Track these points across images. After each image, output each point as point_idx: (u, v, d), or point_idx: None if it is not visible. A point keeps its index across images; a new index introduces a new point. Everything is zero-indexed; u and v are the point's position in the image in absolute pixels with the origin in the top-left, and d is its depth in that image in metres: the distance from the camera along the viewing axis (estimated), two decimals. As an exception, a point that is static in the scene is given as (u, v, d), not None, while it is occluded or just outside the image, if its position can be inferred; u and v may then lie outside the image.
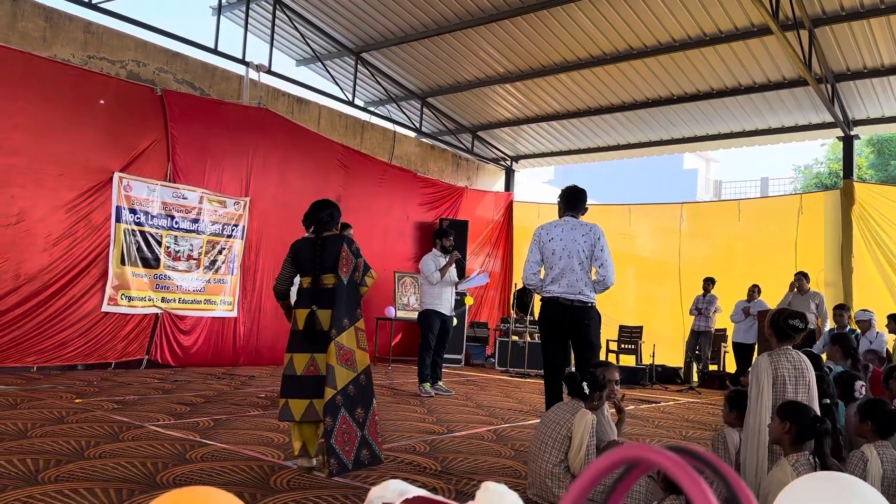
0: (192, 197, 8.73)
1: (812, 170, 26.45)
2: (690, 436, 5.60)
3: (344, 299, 3.73)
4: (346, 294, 3.74)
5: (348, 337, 3.67)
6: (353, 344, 3.69)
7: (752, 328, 9.57)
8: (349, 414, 3.56)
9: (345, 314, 3.70)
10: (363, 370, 3.69)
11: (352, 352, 3.68)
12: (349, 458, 3.51)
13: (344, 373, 3.60)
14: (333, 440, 3.47)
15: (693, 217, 12.54)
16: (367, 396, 3.70)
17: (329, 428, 3.48)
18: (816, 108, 10.64)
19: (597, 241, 4.57)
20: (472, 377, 9.68)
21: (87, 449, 3.76)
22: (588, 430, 3.31)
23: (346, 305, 3.72)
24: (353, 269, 3.82)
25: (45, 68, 7.40)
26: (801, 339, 3.59)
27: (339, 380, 3.57)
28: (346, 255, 3.81)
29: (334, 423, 3.49)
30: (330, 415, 3.50)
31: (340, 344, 3.63)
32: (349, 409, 3.57)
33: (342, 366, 3.61)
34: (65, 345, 7.37)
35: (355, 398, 3.62)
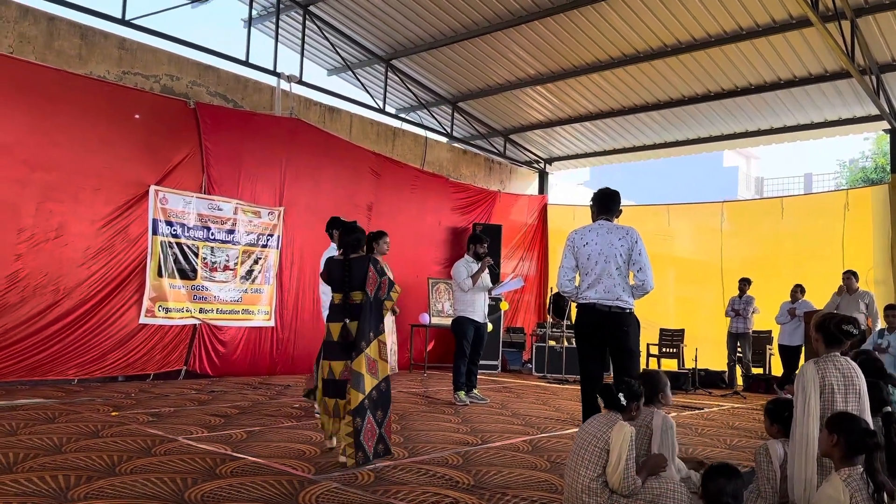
0: (227, 208, 8.80)
1: (857, 164, 25.66)
2: (735, 444, 5.40)
3: (369, 314, 4.25)
4: (371, 309, 4.26)
5: (373, 349, 4.20)
6: (376, 355, 4.22)
7: (797, 330, 9.26)
8: (372, 415, 4.14)
9: (370, 328, 4.22)
10: (384, 378, 4.24)
11: (375, 362, 4.21)
12: (370, 451, 4.10)
13: (370, 380, 4.15)
14: (362, 438, 4.05)
15: (734, 216, 12.23)
16: (386, 401, 4.25)
17: (358, 427, 4.05)
18: (861, 101, 10.27)
19: (634, 244, 4.43)
20: (508, 384, 9.56)
21: (118, 464, 3.76)
22: (626, 443, 3.18)
23: (372, 320, 4.25)
24: (377, 286, 4.31)
25: (82, 85, 7.55)
26: (850, 344, 3.41)
27: (366, 386, 4.12)
28: (372, 275, 4.31)
29: (363, 423, 4.07)
30: (359, 416, 4.07)
31: (368, 355, 4.16)
32: (372, 411, 4.14)
33: (369, 374, 4.15)
34: (104, 357, 7.48)
35: (377, 402, 4.19)
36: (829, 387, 3.16)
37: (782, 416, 3.39)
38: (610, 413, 3.33)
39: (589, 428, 3.31)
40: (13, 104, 6.98)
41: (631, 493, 3.12)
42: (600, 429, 3.26)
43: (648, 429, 3.52)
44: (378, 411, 4.17)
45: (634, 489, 3.12)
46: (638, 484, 3.15)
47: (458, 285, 7.22)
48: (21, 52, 7.36)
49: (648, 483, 3.16)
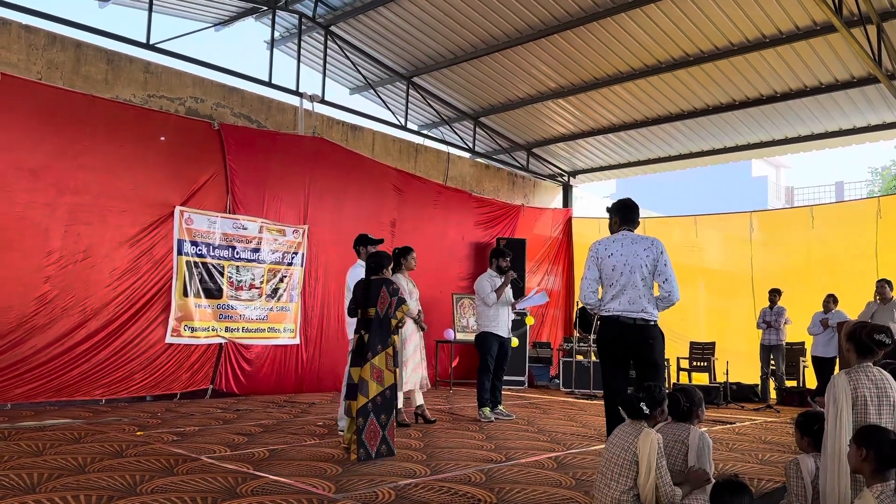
0: (252, 227, 8.88)
1: (890, 171, 25.13)
2: (768, 459, 5.25)
3: (378, 329, 4.85)
4: (380, 325, 4.86)
5: (380, 359, 4.80)
6: (382, 365, 4.81)
7: (831, 341, 9.02)
8: (375, 418, 4.72)
9: (378, 341, 4.83)
10: (388, 386, 4.81)
11: (381, 371, 4.80)
12: (373, 450, 4.67)
13: (374, 386, 4.75)
14: (364, 436, 4.66)
15: (764, 226, 12.02)
16: (389, 406, 4.80)
17: (360, 426, 4.67)
18: (890, 106, 10.05)
19: (660, 255, 4.36)
20: (535, 399, 9.45)
21: (140, 484, 3.77)
22: (654, 450, 3.10)
23: (380, 334, 4.84)
24: (388, 305, 4.90)
25: (108, 109, 7.70)
26: (882, 354, 3.29)
27: (370, 391, 4.73)
28: (384, 295, 4.92)
29: (365, 423, 4.68)
30: (362, 417, 4.68)
31: (374, 364, 4.78)
32: (376, 414, 4.72)
33: (374, 381, 4.76)
34: (131, 377, 7.54)
35: (381, 406, 4.76)
36: (862, 398, 3.06)
37: (812, 429, 3.29)
38: (634, 423, 3.26)
39: (615, 440, 3.24)
40: (42, 129, 7.13)
41: (671, 501, 3.04)
42: (626, 440, 3.19)
43: (684, 445, 3.43)
44: (381, 415, 4.74)
45: (674, 498, 3.04)
46: (678, 493, 3.07)
47: (481, 300, 7.18)
48: (49, 78, 7.53)
49: (686, 499, 3.08)
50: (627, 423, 3.29)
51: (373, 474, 4.25)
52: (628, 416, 3.42)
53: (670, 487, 3.10)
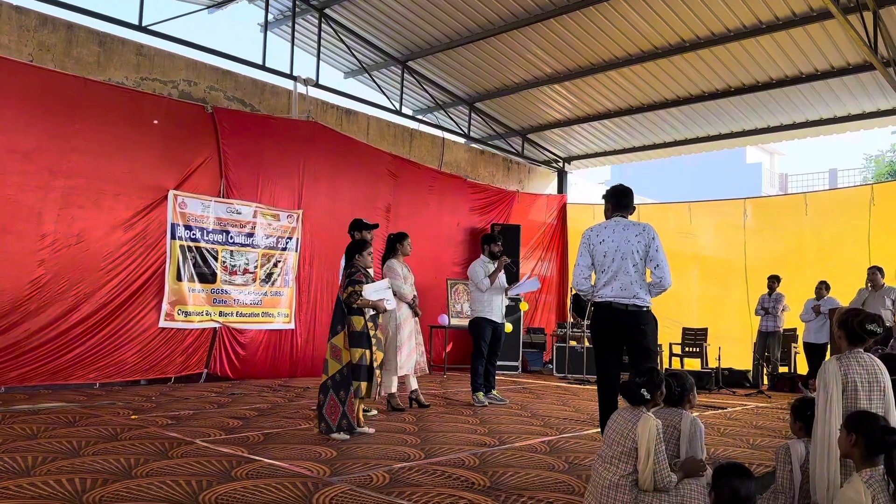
0: (246, 211, 8.85)
1: (884, 158, 25.18)
2: (759, 444, 5.30)
3: (339, 311, 5.13)
4: (339, 307, 5.14)
5: (338, 339, 5.05)
6: (340, 344, 5.04)
7: (823, 327, 9.08)
8: (335, 393, 4.95)
9: (337, 321, 5.10)
10: (346, 364, 5.01)
11: (339, 350, 5.03)
12: (334, 423, 4.91)
13: (334, 364, 5.01)
14: (324, 410, 4.94)
15: (758, 212, 12.05)
16: (347, 384, 4.98)
17: (321, 402, 4.96)
18: (885, 94, 10.05)
19: (651, 241, 4.37)
20: (528, 385, 9.50)
21: (135, 467, 3.78)
22: (654, 436, 3.12)
23: (338, 315, 5.11)
24: (342, 288, 5.15)
25: (100, 92, 7.63)
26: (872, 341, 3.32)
27: (330, 369, 5.00)
28: (343, 279, 5.22)
29: (325, 399, 4.95)
30: (322, 393, 4.99)
31: (333, 344, 5.05)
32: (335, 390, 4.96)
33: (333, 359, 5.02)
34: (125, 361, 7.54)
35: (339, 383, 4.98)
36: (853, 384, 3.08)
37: (805, 414, 3.31)
38: (632, 408, 3.27)
39: (615, 426, 3.25)
40: (34, 111, 7.07)
41: (665, 487, 3.07)
42: (626, 426, 3.20)
43: (676, 430, 3.46)
44: (340, 391, 4.95)
45: (668, 484, 3.07)
46: (673, 480, 3.10)
47: (475, 286, 7.19)
48: (41, 60, 7.46)
49: (681, 484, 3.11)
50: (626, 408, 3.30)
51: (367, 457, 4.28)
52: (630, 403, 3.45)
53: (667, 472, 3.12)
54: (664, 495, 3.11)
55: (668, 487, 3.10)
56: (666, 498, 3.10)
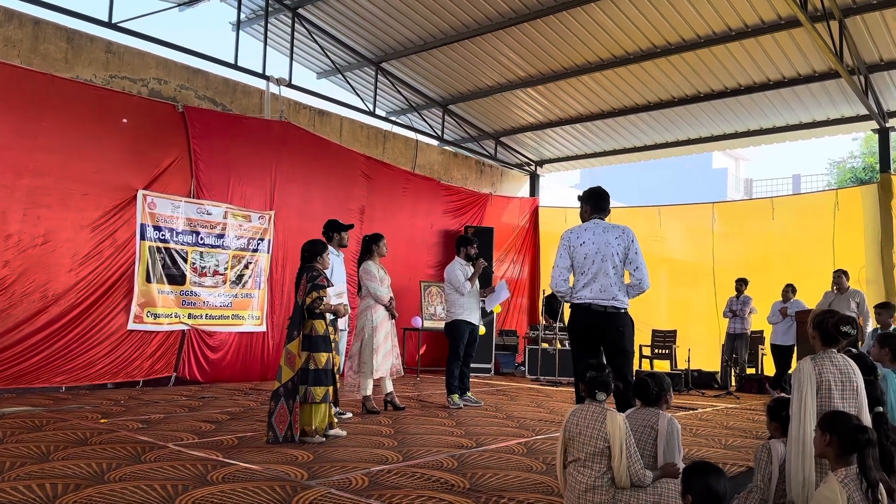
0: (217, 212, 8.73)
1: (846, 164, 25.80)
2: (731, 444, 5.37)
3: (297, 316, 4.94)
4: (298, 312, 4.96)
5: (294, 345, 4.86)
6: (296, 350, 4.85)
7: (790, 329, 9.26)
8: (286, 402, 4.75)
9: (294, 327, 4.91)
10: (298, 371, 4.84)
11: (295, 356, 4.84)
12: (281, 433, 4.72)
13: (287, 371, 4.82)
14: (273, 419, 4.73)
15: (725, 217, 12.25)
16: (296, 392, 4.81)
17: (272, 409, 4.76)
18: (850, 101, 10.31)
19: (630, 243, 4.41)
20: (501, 386, 9.51)
21: (107, 472, 3.69)
22: (624, 431, 3.16)
23: (297, 321, 4.92)
24: (305, 293, 4.97)
25: (68, 89, 7.46)
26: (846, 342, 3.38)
27: (283, 376, 4.81)
28: (303, 283, 5.02)
29: (276, 407, 4.75)
30: (274, 400, 4.78)
31: (288, 350, 4.86)
32: (286, 398, 4.77)
33: (287, 366, 4.82)
34: (92, 364, 7.38)
35: (291, 391, 4.79)
36: (826, 384, 3.13)
37: (781, 414, 3.36)
38: (591, 405, 3.28)
39: (581, 427, 3.24)
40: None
41: (640, 481, 3.09)
42: (593, 426, 3.21)
43: (653, 430, 3.49)
44: (290, 400, 4.77)
45: (644, 478, 3.10)
46: (648, 474, 3.12)
47: (454, 288, 7.14)
48: (6, 56, 7.27)
49: (655, 483, 3.14)
50: (585, 406, 3.31)
51: (345, 460, 4.24)
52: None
53: (640, 467, 3.15)
54: (641, 493, 3.13)
55: (644, 482, 3.12)
56: (643, 496, 3.13)
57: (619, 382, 3.70)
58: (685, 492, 2.64)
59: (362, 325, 6.39)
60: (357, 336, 6.44)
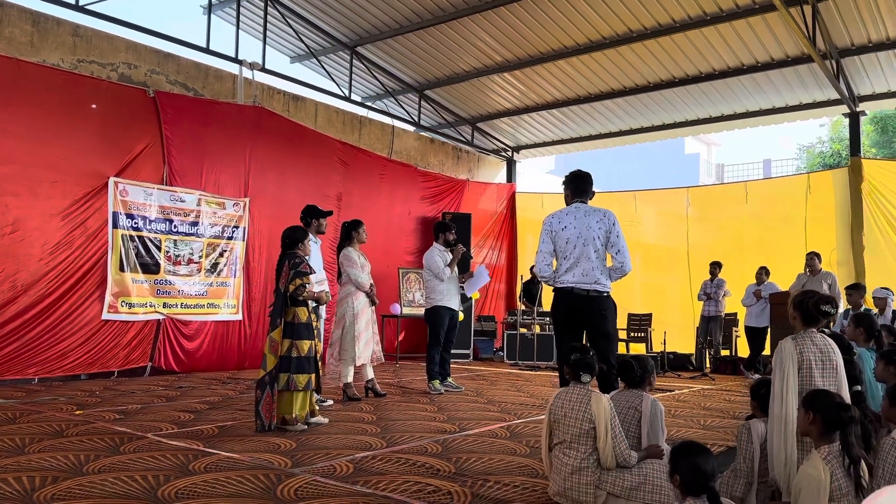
0: (190, 200, 8.58)
1: (815, 149, 26.20)
2: (710, 424, 5.44)
3: (279, 304, 4.87)
4: (280, 300, 4.87)
5: (277, 333, 4.81)
6: (279, 337, 4.80)
7: (764, 311, 9.39)
8: (271, 390, 4.73)
9: (277, 315, 4.86)
10: (279, 358, 4.78)
11: (278, 343, 4.80)
12: (267, 421, 4.70)
13: (272, 359, 4.77)
14: (260, 407, 4.70)
15: (699, 201, 12.36)
16: (276, 380, 4.75)
17: (258, 398, 4.73)
18: (821, 86, 10.44)
19: (612, 226, 4.42)
20: (481, 372, 9.54)
21: (86, 464, 3.62)
22: (609, 412, 3.17)
23: (279, 308, 4.86)
24: (288, 280, 4.87)
25: (35, 74, 7.27)
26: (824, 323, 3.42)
27: (268, 364, 4.76)
28: (285, 270, 4.92)
29: (262, 395, 4.72)
30: (259, 388, 4.75)
31: (272, 338, 4.81)
32: (272, 386, 4.73)
33: (271, 354, 4.78)
34: (66, 355, 7.24)
35: (276, 379, 4.75)
36: (807, 362, 3.17)
37: (760, 392, 3.40)
38: (576, 387, 3.29)
39: (567, 409, 3.25)
40: (-38, 93, 6.68)
41: (625, 463, 3.11)
42: (578, 408, 3.22)
43: (637, 411, 3.52)
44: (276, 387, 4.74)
45: (629, 459, 3.11)
46: (633, 455, 3.14)
47: (433, 275, 7.10)
48: (-31, 39, 7.05)
49: (640, 463, 3.16)
50: (570, 388, 3.32)
51: (328, 448, 4.21)
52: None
53: (626, 448, 3.16)
54: (626, 474, 3.15)
55: (629, 463, 3.14)
56: (628, 476, 3.15)
57: (603, 365, 3.72)
58: (673, 471, 2.65)
59: (343, 313, 6.33)
60: (338, 323, 6.39)
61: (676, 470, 2.70)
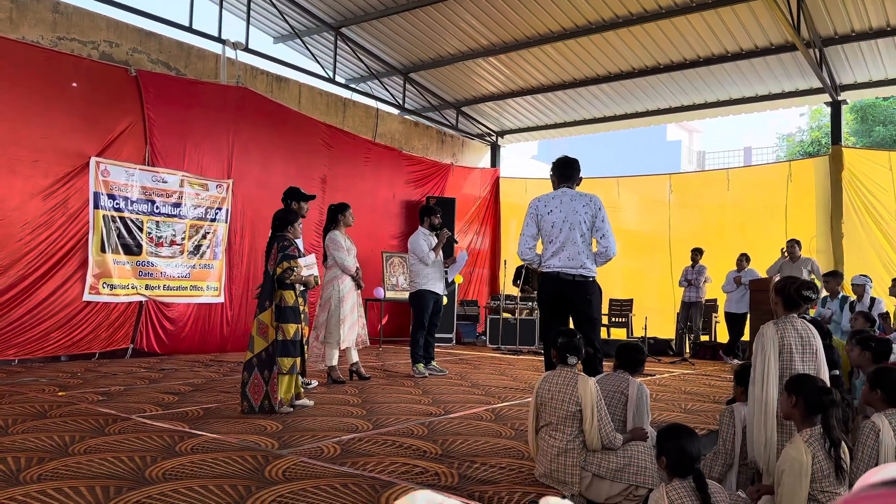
0: (173, 181, 8.50)
1: (795, 138, 26.45)
2: (691, 408, 5.53)
3: (268, 286, 4.88)
4: (269, 282, 4.88)
5: (266, 315, 4.81)
6: (268, 320, 4.81)
7: (743, 297, 9.51)
8: (259, 372, 4.74)
9: (266, 297, 4.86)
10: (272, 342, 4.79)
11: (267, 326, 4.80)
12: (256, 404, 4.70)
13: (260, 342, 4.79)
14: (247, 389, 4.73)
15: (681, 188, 12.46)
16: (272, 362, 4.76)
17: (245, 380, 4.75)
18: (804, 74, 10.53)
19: (598, 211, 4.44)
20: (464, 356, 9.59)
21: (71, 445, 3.60)
22: (595, 394, 3.22)
23: (268, 290, 4.87)
24: (276, 262, 4.88)
25: (14, 51, 7.12)
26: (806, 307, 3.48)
27: (256, 346, 4.78)
28: (274, 252, 4.92)
29: (249, 377, 4.74)
30: (247, 371, 4.77)
31: (260, 320, 4.81)
32: (260, 369, 4.74)
33: (259, 336, 4.79)
34: (46, 336, 7.17)
35: (265, 361, 4.76)
36: (788, 347, 3.23)
37: (745, 378, 3.46)
38: (563, 370, 3.33)
39: (553, 392, 3.29)
40: (-62, 69, 6.54)
41: (610, 445, 3.16)
42: (565, 390, 3.26)
43: (623, 395, 3.57)
44: (265, 370, 4.74)
45: (614, 441, 3.16)
46: (618, 437, 3.19)
47: (418, 259, 7.12)
48: (-55, 13, 6.89)
49: (625, 445, 3.21)
50: (557, 371, 3.36)
51: (315, 430, 4.22)
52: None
53: (611, 430, 3.21)
54: (612, 455, 3.20)
55: (615, 445, 3.19)
56: (613, 458, 3.20)
57: (589, 349, 3.77)
58: (660, 453, 2.69)
59: (329, 296, 6.33)
60: (323, 306, 6.38)
61: (663, 452, 2.75)
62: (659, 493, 2.58)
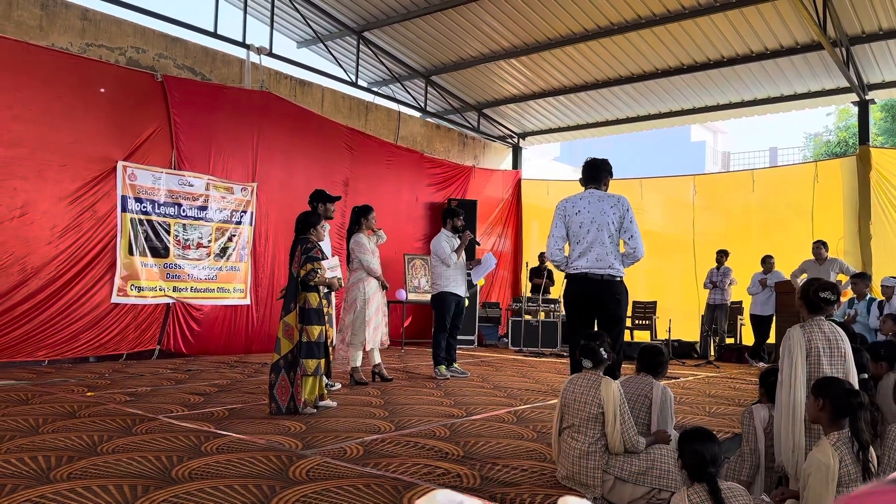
0: (199, 184, 8.61)
1: (822, 138, 26.07)
2: (715, 412, 5.47)
3: (293, 288, 4.94)
4: (293, 284, 4.95)
5: (291, 317, 4.88)
6: (293, 322, 4.87)
7: (769, 300, 9.40)
8: (286, 374, 4.80)
9: (291, 299, 4.92)
10: (297, 343, 4.85)
11: (292, 328, 4.86)
12: (283, 405, 4.76)
13: (286, 344, 4.85)
14: (275, 391, 4.78)
15: (705, 189, 12.34)
16: (296, 364, 4.82)
17: (273, 382, 4.81)
18: (831, 74, 10.38)
19: (626, 212, 4.43)
20: (486, 358, 9.58)
21: (99, 444, 3.67)
22: (618, 398, 3.21)
23: (293, 292, 4.93)
24: (300, 265, 4.94)
25: (43, 57, 7.27)
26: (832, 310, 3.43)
27: (282, 348, 4.85)
28: (297, 254, 4.98)
29: (277, 379, 4.80)
30: (274, 372, 4.83)
31: (286, 322, 4.88)
32: (287, 370, 4.80)
33: (285, 338, 4.86)
34: (75, 337, 7.30)
35: (291, 363, 4.82)
36: (816, 350, 3.19)
37: (768, 380, 3.43)
38: (587, 373, 3.33)
39: (576, 394, 3.29)
40: (-28, 77, 6.70)
41: (633, 447, 3.14)
42: (588, 392, 3.25)
43: (647, 398, 3.55)
44: (291, 371, 4.80)
45: (637, 444, 3.15)
46: (641, 441, 3.18)
47: (440, 260, 7.13)
48: (-22, 22, 7.06)
49: (648, 449, 3.20)
50: (580, 375, 3.36)
51: (338, 431, 4.25)
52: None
53: (634, 433, 3.20)
54: (634, 458, 3.19)
55: (637, 448, 3.18)
56: (636, 461, 3.18)
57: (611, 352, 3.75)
58: (680, 456, 2.68)
59: (354, 297, 6.37)
60: (348, 308, 6.43)
61: (681, 455, 2.74)
62: (680, 497, 2.56)
